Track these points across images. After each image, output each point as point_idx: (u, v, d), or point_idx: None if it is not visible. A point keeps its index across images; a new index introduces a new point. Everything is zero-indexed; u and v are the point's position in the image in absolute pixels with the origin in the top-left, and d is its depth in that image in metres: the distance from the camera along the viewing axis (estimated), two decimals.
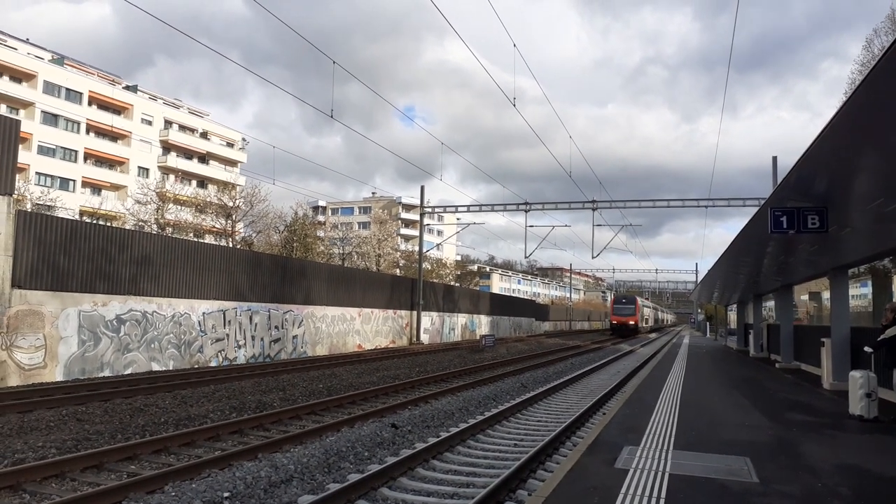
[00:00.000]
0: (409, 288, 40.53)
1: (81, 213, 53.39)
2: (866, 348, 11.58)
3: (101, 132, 65.63)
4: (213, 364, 22.17)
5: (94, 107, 65.59)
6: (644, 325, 74.28)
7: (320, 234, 67.68)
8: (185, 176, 70.74)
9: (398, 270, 72.42)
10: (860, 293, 20.79)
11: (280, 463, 8.39)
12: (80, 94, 64.10)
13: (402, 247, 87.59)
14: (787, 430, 9.62)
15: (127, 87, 72.41)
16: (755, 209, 12.81)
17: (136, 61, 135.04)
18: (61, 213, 38.96)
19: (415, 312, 39.84)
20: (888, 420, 10.42)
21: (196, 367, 21.15)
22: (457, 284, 72.16)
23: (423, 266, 44.13)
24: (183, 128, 75.28)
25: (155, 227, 47.43)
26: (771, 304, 31.33)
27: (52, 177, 59.77)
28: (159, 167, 70.94)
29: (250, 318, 24.73)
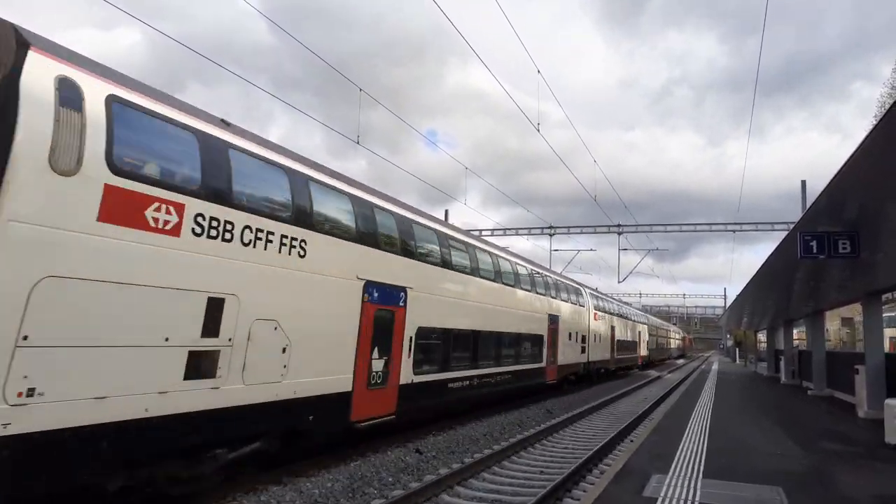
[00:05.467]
0: None
1: None
2: None
3: None
4: None
5: None
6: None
7: None
8: None
9: None
10: None
11: (305, 488, 8.40)
12: None
13: None
14: (820, 460, 9.38)
15: None
16: (784, 233, 12.66)
17: (168, 87, 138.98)
18: None
19: None
20: None
21: None
22: None
23: None
24: None
25: None
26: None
27: None
28: None
29: None
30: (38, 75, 5.72)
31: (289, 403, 8.44)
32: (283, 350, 8.34)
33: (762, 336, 44.21)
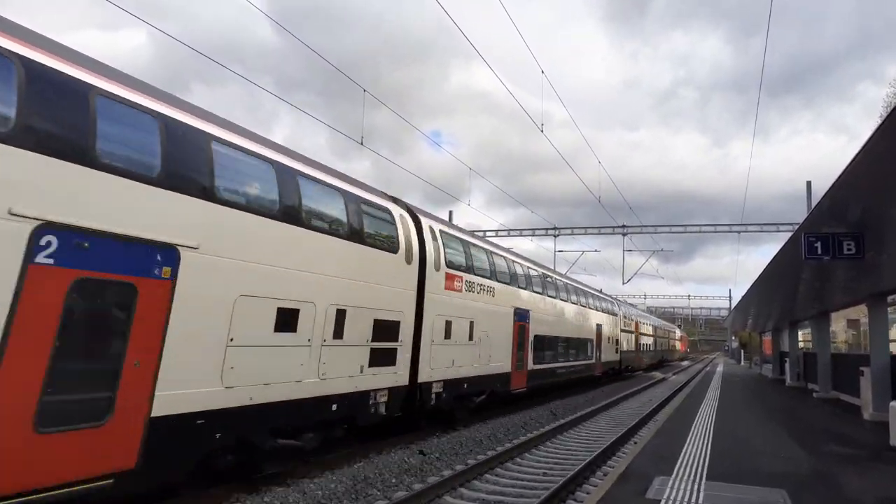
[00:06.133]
0: None
1: None
2: None
3: None
4: None
5: None
6: None
7: None
8: None
9: None
10: None
11: (308, 489, 8.40)
12: None
13: None
14: (825, 462, 9.33)
15: None
16: (789, 235, 12.61)
17: (173, 88, 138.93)
18: None
19: None
20: None
21: None
22: None
23: None
24: None
25: None
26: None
27: None
28: None
29: None
30: None
31: None
32: None
33: (767, 337, 44.06)
